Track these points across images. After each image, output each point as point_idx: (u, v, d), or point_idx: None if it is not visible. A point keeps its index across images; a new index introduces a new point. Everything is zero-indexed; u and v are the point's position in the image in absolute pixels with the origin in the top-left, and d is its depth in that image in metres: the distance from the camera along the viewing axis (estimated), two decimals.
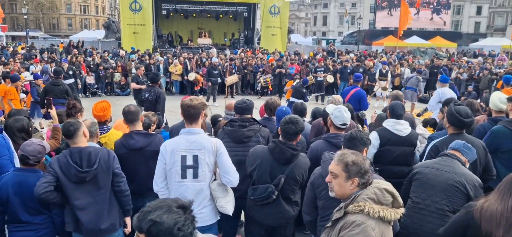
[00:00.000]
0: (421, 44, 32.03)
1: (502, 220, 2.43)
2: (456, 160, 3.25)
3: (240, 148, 3.85)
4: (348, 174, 2.22)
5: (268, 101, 4.97)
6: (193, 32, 29.75)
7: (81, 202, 3.22)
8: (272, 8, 25.79)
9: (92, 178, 3.22)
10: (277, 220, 3.51)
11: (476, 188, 3.11)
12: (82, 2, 76.75)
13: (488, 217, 2.48)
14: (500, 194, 2.52)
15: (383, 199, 2.12)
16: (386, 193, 2.15)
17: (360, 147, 2.97)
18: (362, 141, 3.02)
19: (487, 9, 67.05)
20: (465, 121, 3.70)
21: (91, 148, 3.29)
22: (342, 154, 2.30)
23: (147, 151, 3.74)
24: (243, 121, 3.99)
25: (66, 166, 3.17)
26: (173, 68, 16.81)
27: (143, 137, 3.83)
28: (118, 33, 27.25)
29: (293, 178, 3.42)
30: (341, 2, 76.50)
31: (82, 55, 17.96)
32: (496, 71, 16.29)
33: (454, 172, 3.14)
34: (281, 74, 15.09)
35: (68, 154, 3.22)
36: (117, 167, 3.37)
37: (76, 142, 3.27)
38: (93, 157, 3.23)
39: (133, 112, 3.90)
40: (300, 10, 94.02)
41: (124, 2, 24.06)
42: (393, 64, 18.54)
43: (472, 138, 3.83)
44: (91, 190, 3.26)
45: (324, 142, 3.86)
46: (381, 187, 2.16)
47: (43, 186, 3.08)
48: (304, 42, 37.23)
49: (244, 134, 3.90)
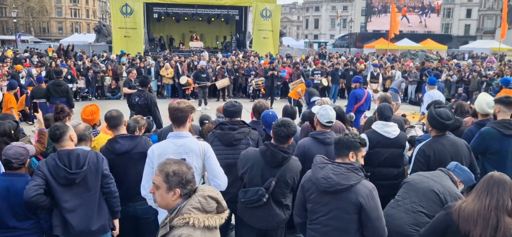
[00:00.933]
0: (411, 47, 32.24)
1: (479, 219, 2.50)
2: (448, 177, 3.32)
3: (230, 150, 3.86)
4: (169, 185, 2.08)
5: (256, 104, 4.97)
6: (185, 35, 29.69)
7: (70, 204, 3.20)
8: (263, 11, 25.83)
9: (81, 179, 3.21)
10: (268, 224, 3.51)
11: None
12: (72, 6, 76.37)
13: (466, 217, 2.54)
14: (477, 194, 2.59)
15: (208, 207, 2.05)
16: (210, 200, 2.08)
17: (344, 151, 2.97)
18: (346, 145, 2.98)
19: (476, 12, 67.84)
20: (446, 123, 3.73)
21: (79, 150, 3.28)
22: (164, 163, 2.16)
23: (133, 153, 3.72)
24: (233, 124, 3.99)
25: (54, 168, 3.15)
26: (164, 71, 16.78)
27: (128, 140, 3.79)
28: (109, 37, 27.08)
29: (284, 181, 3.42)
30: (333, 5, 76.97)
31: (72, 59, 17.84)
32: (485, 73, 16.48)
33: (440, 183, 3.20)
34: (273, 77, 15.16)
35: (56, 156, 3.20)
36: (105, 169, 3.38)
37: (63, 145, 3.26)
38: (82, 159, 3.23)
39: (115, 117, 3.86)
40: (292, 13, 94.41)
41: (115, 5, 23.93)
42: (384, 66, 18.66)
43: (455, 138, 3.88)
44: (80, 192, 3.24)
45: (311, 139, 3.96)
46: (206, 195, 2.08)
47: (33, 189, 3.05)
48: (296, 45, 37.29)
49: (234, 137, 3.90)
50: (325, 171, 2.90)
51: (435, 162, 3.69)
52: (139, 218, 3.80)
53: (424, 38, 38.74)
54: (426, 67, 17.83)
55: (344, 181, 2.81)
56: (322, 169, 2.92)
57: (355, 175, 2.84)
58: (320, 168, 2.94)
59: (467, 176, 3.38)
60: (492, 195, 2.52)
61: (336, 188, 2.82)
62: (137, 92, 7.46)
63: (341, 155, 2.98)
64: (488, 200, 2.51)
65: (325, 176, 2.87)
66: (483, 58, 25.96)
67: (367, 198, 2.80)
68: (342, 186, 2.80)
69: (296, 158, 3.63)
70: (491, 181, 2.58)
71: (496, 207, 2.48)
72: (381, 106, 4.53)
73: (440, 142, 3.78)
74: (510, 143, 4.09)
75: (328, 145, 3.83)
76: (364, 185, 2.84)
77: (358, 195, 2.79)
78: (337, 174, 2.84)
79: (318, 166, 2.97)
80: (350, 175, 2.84)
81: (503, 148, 4.09)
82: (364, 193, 2.80)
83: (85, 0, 78.78)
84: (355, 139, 2.99)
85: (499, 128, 4.11)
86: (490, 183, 2.57)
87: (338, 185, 2.81)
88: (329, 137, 3.89)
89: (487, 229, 2.46)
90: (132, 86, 10.10)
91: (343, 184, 2.80)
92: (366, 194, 2.80)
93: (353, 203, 2.79)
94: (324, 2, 78.24)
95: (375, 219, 2.80)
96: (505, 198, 2.49)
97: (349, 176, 2.83)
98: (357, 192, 2.80)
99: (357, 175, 2.85)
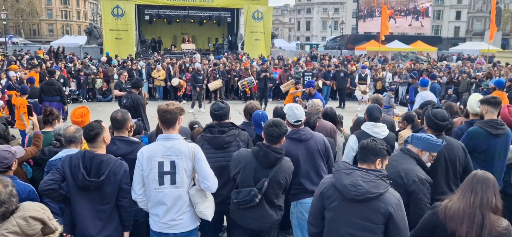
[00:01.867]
0: (402, 49, 32.51)
1: (465, 217, 2.53)
2: (407, 155, 3.37)
3: (221, 153, 3.83)
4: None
5: (248, 105, 4.97)
6: (177, 37, 29.62)
7: (82, 207, 3.17)
8: (255, 13, 25.88)
9: (97, 187, 3.14)
10: (260, 224, 3.51)
11: (416, 182, 3.16)
12: (63, 8, 75.80)
13: (452, 215, 2.58)
14: (462, 192, 2.63)
15: (29, 230, 1.81)
16: (33, 222, 1.85)
17: (371, 157, 2.81)
18: (374, 151, 2.81)
19: (466, 14, 68.68)
20: (441, 124, 3.77)
21: (104, 157, 3.19)
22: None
23: (128, 159, 3.66)
24: (222, 126, 3.96)
25: (75, 169, 3.10)
26: (156, 73, 16.73)
27: (126, 144, 3.75)
28: (100, 39, 26.95)
29: (277, 181, 3.43)
30: (324, 8, 77.32)
31: (63, 61, 17.70)
32: (475, 75, 16.66)
33: (398, 166, 3.24)
34: (266, 79, 15.14)
35: (81, 156, 3.15)
36: (126, 182, 3.26)
37: (95, 147, 3.21)
38: (103, 167, 3.13)
39: (119, 120, 3.80)
40: (283, 15, 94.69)
41: (106, 7, 23.83)
42: (375, 68, 18.80)
43: (451, 139, 3.91)
44: (94, 198, 3.18)
45: (287, 139, 3.83)
46: (27, 216, 1.84)
47: (48, 183, 3.05)
48: (287, 47, 37.47)
49: (224, 140, 3.88)
50: (352, 177, 2.70)
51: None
52: None
53: (415, 40, 39.09)
54: (416, 68, 18.01)
55: (374, 189, 2.63)
56: (349, 175, 2.72)
57: (384, 183, 2.68)
58: (346, 174, 2.73)
59: (426, 143, 3.39)
60: (476, 193, 2.55)
61: (366, 196, 2.62)
62: (126, 94, 7.47)
63: (367, 161, 2.81)
64: (473, 198, 2.55)
65: (354, 183, 2.66)
66: (473, 59, 26.26)
67: (397, 208, 2.64)
68: (372, 194, 2.62)
69: (288, 158, 3.63)
70: (475, 179, 2.61)
71: (480, 205, 2.52)
72: (369, 107, 4.57)
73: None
74: (497, 143, 4.16)
75: (305, 141, 3.87)
76: (392, 194, 2.69)
77: (387, 204, 2.62)
78: (366, 181, 2.66)
79: (344, 172, 2.76)
80: (379, 183, 2.67)
81: (491, 147, 4.16)
82: (393, 203, 2.64)
83: (76, 2, 78.28)
84: (383, 146, 2.83)
85: (487, 127, 4.17)
86: (474, 181, 2.60)
87: (368, 193, 2.62)
88: (304, 133, 3.92)
89: (473, 227, 2.50)
90: (123, 88, 10.06)
91: (374, 192, 2.62)
92: (396, 204, 2.65)
93: (382, 212, 2.62)
94: (315, 5, 78.57)
95: (403, 229, 2.66)
96: (489, 195, 2.53)
97: (378, 184, 2.66)
98: (387, 201, 2.63)
99: (385, 183, 2.70)
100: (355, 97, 16.04)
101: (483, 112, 4.38)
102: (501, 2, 58.98)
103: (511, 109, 4.98)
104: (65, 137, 3.65)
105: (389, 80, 17.69)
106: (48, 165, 3.59)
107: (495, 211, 2.52)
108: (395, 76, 17.81)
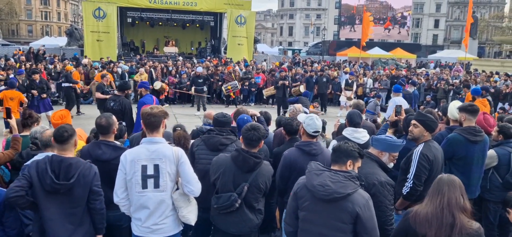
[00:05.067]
0: (382, 55, 33.05)
1: (433, 220, 2.57)
2: (369, 159, 3.41)
3: (215, 155, 3.78)
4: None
5: (239, 110, 5.01)
6: (160, 40, 29.42)
7: (51, 212, 3.10)
8: (238, 18, 25.93)
9: (67, 190, 3.09)
10: (241, 229, 3.51)
11: (376, 186, 3.22)
12: (43, 8, 74.34)
13: (421, 220, 2.62)
14: (430, 196, 2.68)
15: None
16: None
17: (343, 159, 2.91)
18: (346, 153, 2.91)
19: (444, 22, 70.37)
20: (436, 123, 3.88)
21: (73, 160, 3.15)
22: None
23: (113, 164, 3.59)
24: (221, 131, 4.02)
25: (43, 173, 3.04)
26: (138, 77, 16.56)
27: (111, 149, 3.70)
28: (81, 41, 26.52)
29: (257, 186, 3.44)
30: (307, 14, 77.95)
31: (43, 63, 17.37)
32: (452, 82, 17.07)
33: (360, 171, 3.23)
34: (284, 87, 14.46)
35: (48, 161, 3.09)
36: (96, 184, 3.22)
37: (65, 149, 3.16)
38: (72, 169, 3.09)
39: (103, 126, 3.75)
40: (266, 21, 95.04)
41: (87, 9, 23.48)
42: (356, 74, 19.07)
43: (436, 145, 3.98)
44: (64, 202, 3.12)
45: (297, 150, 3.89)
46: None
47: (14, 190, 2.97)
48: (270, 52, 37.57)
49: (220, 141, 3.92)
50: (322, 178, 2.80)
51: (436, 165, 3.78)
52: (112, 225, 3.75)
53: (394, 47, 39.77)
54: (396, 75, 18.36)
55: (342, 189, 2.72)
56: (319, 176, 2.82)
57: (352, 184, 2.76)
58: (317, 175, 2.84)
59: (385, 144, 3.46)
60: (443, 194, 2.59)
61: (334, 196, 2.71)
62: (112, 97, 7.35)
63: (339, 162, 2.91)
64: (439, 199, 2.59)
65: (322, 183, 2.76)
66: (450, 67, 26.89)
67: (364, 208, 2.71)
68: (340, 194, 2.71)
69: (268, 162, 3.66)
70: (441, 182, 2.67)
71: (448, 205, 2.55)
72: (350, 113, 4.62)
73: (434, 146, 3.90)
74: (475, 149, 4.27)
75: (314, 156, 3.74)
76: (360, 195, 2.77)
77: (355, 204, 2.70)
78: (334, 182, 2.75)
79: (314, 173, 2.87)
80: (347, 184, 2.75)
81: (469, 153, 4.26)
82: (361, 203, 2.71)
83: (57, 3, 76.86)
84: (354, 149, 2.93)
85: (465, 134, 4.28)
86: (440, 184, 2.66)
87: (335, 193, 2.71)
88: (315, 148, 3.84)
89: (442, 229, 2.52)
90: (105, 91, 9.94)
91: (341, 192, 2.71)
92: (363, 204, 2.72)
93: (350, 212, 2.70)
94: (298, 10, 79.15)
95: (371, 229, 2.74)
96: (456, 195, 2.57)
97: (346, 184, 2.74)
98: (354, 201, 2.71)
99: (354, 183, 2.77)
100: (338, 102, 16.23)
101: (462, 119, 4.48)
102: (477, 12, 60.62)
103: (486, 117, 5.15)
104: (41, 140, 3.60)
105: (370, 86, 17.96)
106: (23, 168, 3.53)
107: (463, 211, 2.55)
108: (375, 83, 18.09)
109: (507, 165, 4.54)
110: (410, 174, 3.78)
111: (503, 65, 24.56)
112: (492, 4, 70.70)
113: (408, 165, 3.85)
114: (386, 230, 3.18)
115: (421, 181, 3.69)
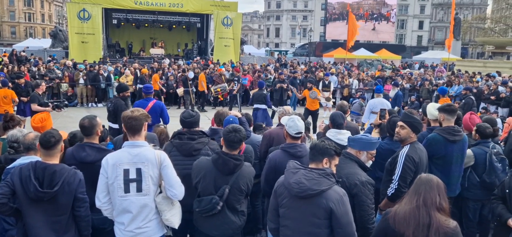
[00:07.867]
0: (368, 56, 33.34)
1: (411, 219, 2.63)
2: (348, 159, 3.50)
3: (189, 161, 3.78)
4: None
5: (219, 111, 5.02)
6: (146, 42, 29.25)
7: (35, 219, 3.06)
8: (225, 19, 25.94)
9: (51, 198, 3.04)
10: (223, 231, 3.51)
11: (357, 186, 3.30)
12: (26, 10, 73.15)
13: (400, 219, 2.68)
14: (409, 196, 2.75)
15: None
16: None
17: (318, 157, 2.99)
18: (321, 151, 3.00)
19: (428, 24, 71.41)
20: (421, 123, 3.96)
21: (57, 167, 3.10)
22: None
23: (97, 166, 3.50)
24: (192, 134, 3.97)
25: (26, 180, 2.99)
26: (124, 78, 16.43)
27: (96, 151, 3.66)
28: (65, 42, 26.20)
29: (238, 188, 3.45)
30: (293, 15, 78.24)
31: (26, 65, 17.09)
32: (436, 82, 17.33)
33: (340, 171, 3.33)
34: (282, 89, 14.70)
35: (32, 167, 3.04)
36: (81, 191, 3.17)
37: (51, 155, 3.12)
38: (57, 177, 3.04)
39: (86, 127, 3.72)
40: (253, 22, 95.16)
41: (72, 10, 23.22)
42: (341, 75, 19.21)
43: (421, 147, 4.04)
44: (48, 210, 3.08)
45: (282, 152, 3.92)
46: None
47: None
48: (257, 53, 37.61)
49: (194, 147, 3.88)
50: (297, 176, 2.91)
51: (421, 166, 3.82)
52: (96, 228, 3.72)
53: (380, 48, 40.17)
54: (381, 76, 18.56)
55: (316, 186, 2.82)
56: (295, 174, 2.94)
57: (327, 181, 2.85)
58: (293, 173, 2.96)
59: (361, 142, 3.55)
60: (419, 194, 2.66)
61: (308, 193, 2.83)
62: (111, 99, 7.84)
63: (315, 160, 3.00)
64: (416, 199, 2.66)
65: (297, 181, 2.88)
66: (434, 67, 27.28)
67: (338, 204, 2.80)
68: (314, 191, 2.81)
69: (249, 164, 3.67)
70: (419, 182, 2.74)
71: (424, 204, 2.62)
72: (333, 114, 4.66)
73: (419, 148, 3.95)
74: (454, 148, 4.35)
75: (299, 157, 3.75)
76: (335, 191, 2.85)
77: (328, 200, 2.79)
78: (309, 179, 2.86)
79: (291, 171, 2.99)
80: (321, 181, 2.85)
81: (448, 153, 4.34)
82: (334, 199, 2.80)
83: (40, 4, 75.69)
84: (330, 147, 3.02)
85: (444, 134, 4.36)
86: (418, 184, 2.73)
87: (309, 190, 2.82)
88: (300, 150, 3.88)
89: (419, 227, 2.58)
90: (43, 103, 8.92)
91: (315, 189, 2.81)
92: (337, 200, 2.81)
93: (324, 208, 2.80)
94: (284, 12, 79.38)
95: (345, 225, 2.81)
96: (432, 195, 2.63)
97: (320, 181, 2.84)
98: (328, 197, 2.80)
99: (328, 180, 2.86)
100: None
101: (441, 120, 4.56)
102: (460, 13, 61.55)
103: (472, 117, 5.27)
104: (24, 144, 3.55)
105: (355, 88, 18.11)
106: (5, 172, 3.47)
107: (440, 211, 2.61)
108: (360, 83, 18.26)
109: (484, 164, 4.62)
110: (395, 175, 3.81)
111: (485, 65, 24.97)
112: (475, 6, 71.95)
113: (394, 166, 3.89)
114: (367, 228, 3.27)
115: (406, 183, 3.73)
